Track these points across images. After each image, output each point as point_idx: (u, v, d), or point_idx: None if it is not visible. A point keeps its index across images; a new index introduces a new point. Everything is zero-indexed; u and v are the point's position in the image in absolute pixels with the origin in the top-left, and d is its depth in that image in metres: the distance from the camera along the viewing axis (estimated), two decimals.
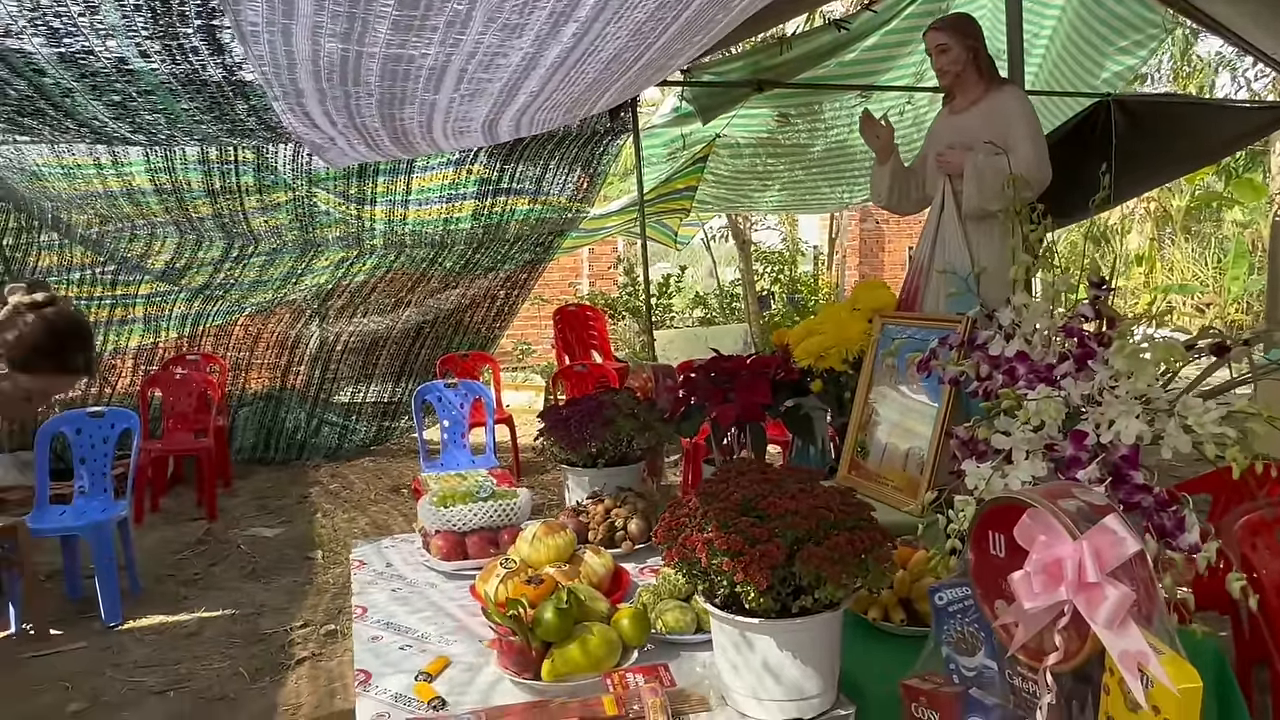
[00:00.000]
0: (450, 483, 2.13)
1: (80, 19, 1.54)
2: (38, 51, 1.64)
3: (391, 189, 5.31)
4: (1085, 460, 1.54)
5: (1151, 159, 6.21)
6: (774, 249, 11.56)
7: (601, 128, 5.27)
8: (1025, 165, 2.34)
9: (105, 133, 2.27)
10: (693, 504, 1.39)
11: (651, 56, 2.17)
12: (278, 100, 1.98)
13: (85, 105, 1.98)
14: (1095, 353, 1.60)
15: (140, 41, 1.66)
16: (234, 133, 2.42)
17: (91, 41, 1.64)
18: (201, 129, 2.38)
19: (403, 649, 1.66)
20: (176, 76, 1.86)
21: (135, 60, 1.74)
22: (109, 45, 1.67)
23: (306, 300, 6.54)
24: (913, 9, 5.35)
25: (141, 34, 1.63)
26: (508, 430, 6.13)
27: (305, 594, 4.27)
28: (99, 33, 1.61)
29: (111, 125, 2.18)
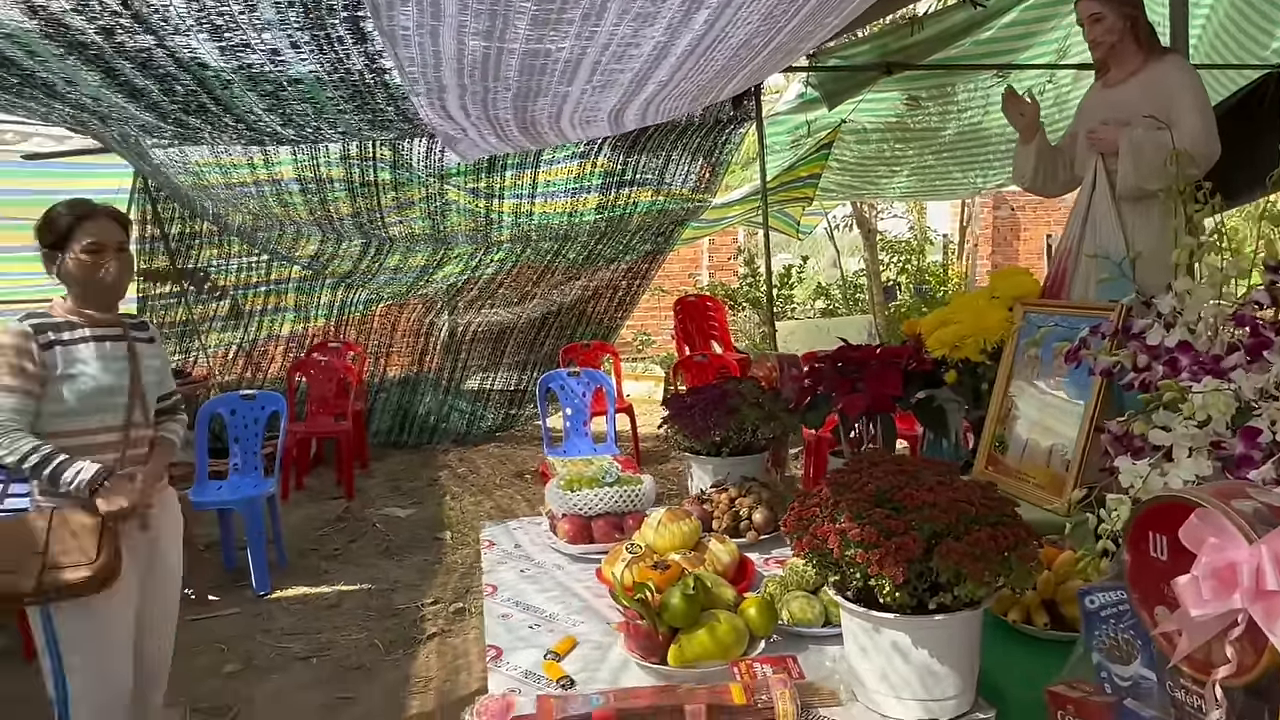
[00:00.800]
0: (577, 467, 2.16)
1: (240, 15, 1.65)
2: (201, 46, 1.77)
3: (519, 182, 5.44)
4: (1259, 459, 1.42)
5: None
6: (900, 238, 11.20)
7: (724, 116, 5.22)
8: (1191, 140, 2.15)
9: (258, 127, 2.42)
10: (824, 494, 1.36)
11: (781, 41, 2.13)
12: (419, 96, 2.05)
13: (242, 97, 2.12)
14: (1272, 342, 1.46)
15: (292, 33, 1.76)
16: (374, 124, 2.53)
17: (249, 35, 1.75)
18: (345, 119, 2.50)
19: (531, 627, 1.70)
20: (323, 65, 1.96)
21: (287, 51, 1.85)
22: (264, 38, 1.78)
23: (438, 292, 6.81)
24: None
25: (293, 26, 1.73)
26: (628, 419, 6.20)
27: (435, 572, 4.45)
28: (255, 26, 1.72)
29: (265, 118, 2.32)
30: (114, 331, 2.23)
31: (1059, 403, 1.94)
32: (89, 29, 1.66)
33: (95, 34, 1.68)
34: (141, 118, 2.32)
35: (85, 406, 2.14)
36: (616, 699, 1.27)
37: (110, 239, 2.16)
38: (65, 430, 2.11)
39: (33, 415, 2.09)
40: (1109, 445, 1.60)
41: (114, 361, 2.20)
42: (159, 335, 2.42)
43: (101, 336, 2.20)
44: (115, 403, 2.18)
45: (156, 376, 2.30)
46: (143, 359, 2.26)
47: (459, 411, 7.34)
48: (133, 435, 2.21)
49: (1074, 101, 5.89)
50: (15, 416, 2.06)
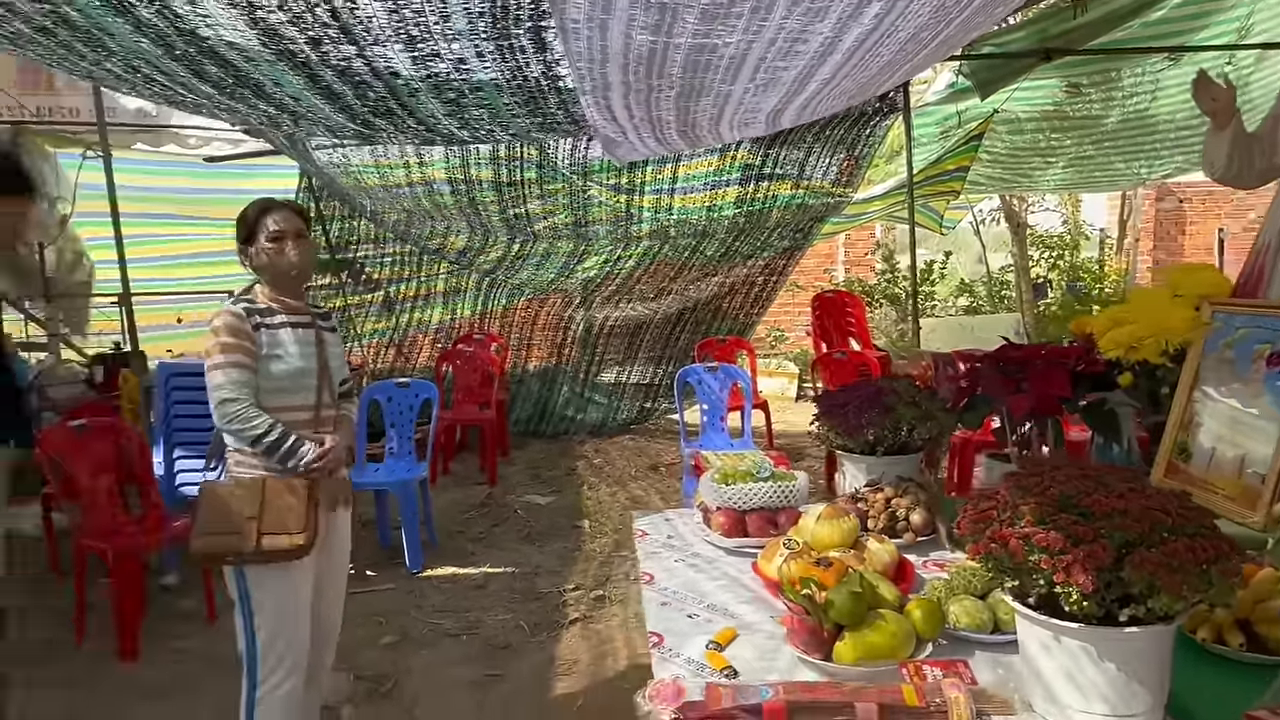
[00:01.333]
0: (730, 461, 2.18)
1: (435, 25, 1.75)
2: (396, 56, 1.89)
3: (659, 177, 5.50)
4: None
5: None
6: (1052, 232, 10.62)
7: (869, 109, 5.11)
8: None
9: (437, 130, 2.56)
10: (1003, 496, 1.32)
11: (949, 33, 2.07)
12: (586, 94, 2.12)
13: (426, 103, 2.25)
14: None
15: (479, 43, 1.86)
16: (544, 127, 2.63)
17: (440, 45, 1.86)
18: (517, 123, 2.61)
19: (690, 617, 1.73)
20: (503, 72, 2.06)
21: (472, 60, 1.96)
22: (453, 48, 1.89)
23: (577, 287, 6.98)
24: None
25: (481, 36, 1.83)
26: (763, 415, 6.17)
27: (575, 559, 4.57)
28: (447, 37, 1.82)
29: (444, 122, 2.45)
30: (304, 319, 2.42)
31: (1255, 409, 1.81)
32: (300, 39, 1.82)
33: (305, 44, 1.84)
34: (334, 118, 2.50)
35: (284, 386, 2.32)
36: (786, 692, 1.28)
37: (290, 226, 2.34)
38: (268, 406, 2.30)
39: (254, 390, 2.29)
40: None
41: (306, 346, 2.38)
42: (338, 327, 2.62)
43: (295, 324, 2.38)
44: (308, 384, 2.36)
45: (338, 363, 2.48)
46: (328, 346, 2.45)
47: (595, 404, 7.50)
48: (322, 415, 2.39)
49: (1256, 84, 5.44)
50: (248, 392, 2.27)
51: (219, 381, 2.25)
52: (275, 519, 2.22)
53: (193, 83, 2.32)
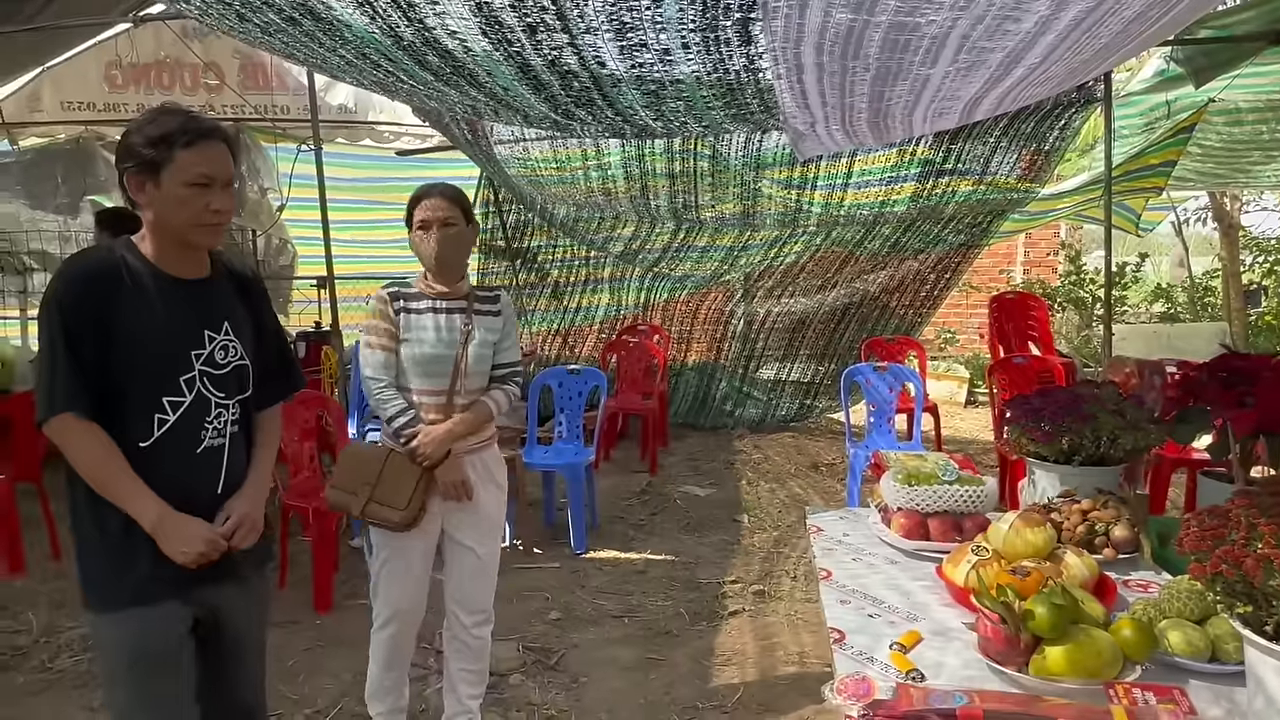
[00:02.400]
0: (911, 462, 2.12)
1: (646, 11, 1.80)
2: (605, 46, 1.96)
3: (832, 171, 5.39)
4: None
5: None
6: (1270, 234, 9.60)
7: (1065, 99, 4.79)
8: None
9: (633, 121, 2.62)
10: (1237, 515, 1.22)
11: (1178, 12, 1.92)
12: (780, 79, 2.11)
13: (627, 93, 2.31)
14: None
15: (685, 34, 1.90)
16: (737, 118, 2.65)
17: (648, 35, 1.91)
18: (711, 115, 2.63)
19: (870, 616, 1.70)
20: (705, 65, 2.09)
21: (677, 52, 1.99)
22: (660, 38, 1.93)
23: (738, 280, 6.97)
24: None
25: (689, 26, 1.86)
26: (931, 419, 5.94)
27: (734, 552, 4.57)
28: (656, 26, 1.87)
29: (641, 114, 2.51)
30: (458, 304, 2.47)
31: None
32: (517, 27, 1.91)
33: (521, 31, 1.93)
34: (538, 108, 2.60)
35: (418, 370, 2.44)
36: (983, 700, 1.24)
37: (436, 215, 2.40)
38: (405, 387, 2.45)
39: (394, 371, 2.44)
40: None
41: (449, 332, 2.44)
42: (510, 309, 2.57)
43: (443, 309, 2.46)
44: (442, 369, 2.43)
45: (486, 350, 2.48)
46: (477, 330, 2.46)
47: (754, 399, 7.46)
48: (454, 401, 2.44)
49: None
50: (385, 372, 2.43)
51: (364, 360, 2.44)
52: (387, 491, 2.38)
53: (415, 70, 2.48)
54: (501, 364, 2.54)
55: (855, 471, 4.76)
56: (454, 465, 2.43)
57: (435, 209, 2.42)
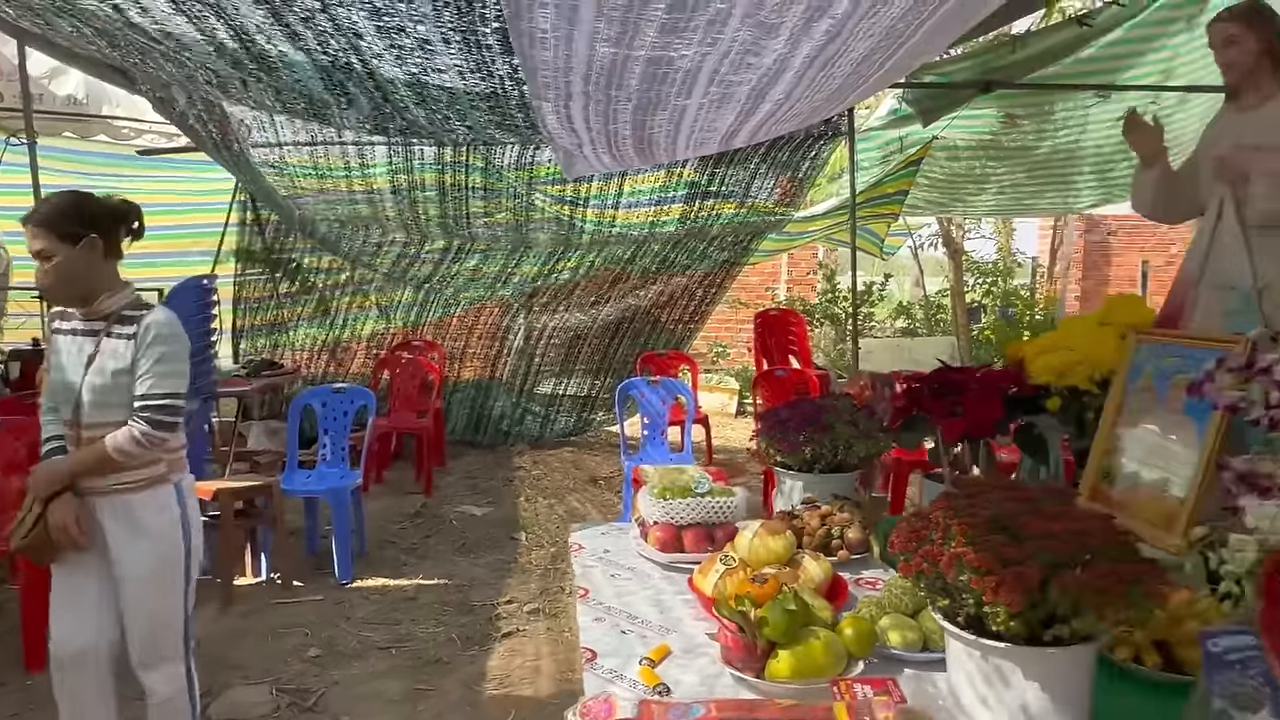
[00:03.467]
0: (670, 476, 2.17)
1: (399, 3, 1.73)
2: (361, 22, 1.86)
3: (604, 190, 5.50)
4: None
5: None
6: (987, 260, 10.94)
7: (815, 131, 5.19)
8: None
9: (394, 100, 2.49)
10: (936, 516, 1.34)
11: (899, 58, 2.12)
12: (547, 102, 2.10)
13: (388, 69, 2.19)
14: None
15: (445, 32, 1.84)
16: (501, 126, 2.60)
17: (405, 23, 1.83)
18: (475, 116, 2.57)
19: (624, 633, 1.71)
20: (468, 64, 2.04)
21: (438, 44, 1.93)
22: (419, 29, 1.86)
23: (514, 296, 6.93)
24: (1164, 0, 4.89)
25: (447, 26, 1.80)
26: (703, 430, 6.19)
27: (510, 572, 4.51)
28: (413, 17, 1.80)
29: (403, 92, 2.40)
30: (95, 326, 2.25)
31: (1173, 436, 1.87)
32: None
33: None
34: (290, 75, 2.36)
35: (51, 398, 2.28)
36: (719, 709, 1.27)
37: (32, 247, 2.17)
38: (49, 419, 2.30)
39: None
40: (1231, 484, 1.54)
41: (77, 356, 2.24)
42: (154, 332, 2.21)
43: (79, 330, 2.26)
44: (69, 398, 2.23)
45: (111, 379, 2.20)
46: (100, 356, 2.22)
47: (533, 414, 7.44)
48: (82, 433, 2.22)
49: (1178, 124, 5.68)
50: (49, 398, 2.29)
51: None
52: (13, 519, 2.23)
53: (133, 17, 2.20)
54: (139, 395, 2.20)
55: (629, 485, 4.85)
56: (60, 506, 2.17)
57: (31, 241, 2.17)
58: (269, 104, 2.83)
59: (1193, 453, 1.80)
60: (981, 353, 9.44)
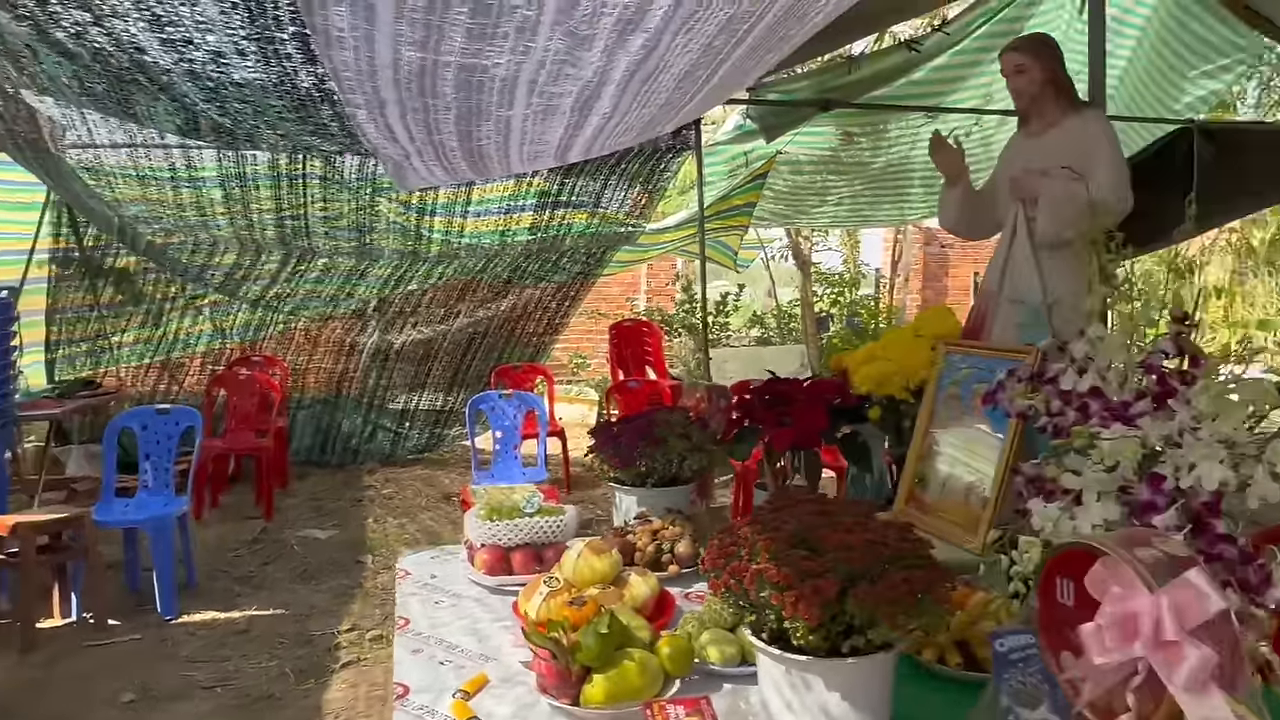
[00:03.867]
0: (498, 496, 2.11)
1: (181, 9, 1.58)
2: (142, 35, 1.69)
3: (453, 198, 5.38)
4: (1163, 505, 1.45)
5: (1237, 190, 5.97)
6: (834, 271, 11.42)
7: (663, 145, 5.26)
8: (1106, 192, 2.24)
9: (195, 110, 2.31)
10: (743, 532, 1.34)
11: (724, 74, 2.14)
12: (360, 109, 2.00)
13: (179, 84, 2.02)
14: (1176, 391, 1.51)
15: (238, 41, 1.71)
16: (317, 134, 2.47)
17: (193, 34, 1.68)
18: (286, 126, 2.42)
19: (443, 664, 1.64)
20: (269, 76, 1.90)
21: (232, 56, 1.79)
22: (208, 39, 1.72)
23: (361, 309, 6.66)
24: (985, 29, 5.25)
25: (239, 34, 1.67)
26: (560, 443, 6.14)
27: (354, 597, 4.31)
28: (200, 26, 1.65)
29: (202, 105, 2.22)
30: None
31: (978, 443, 1.97)
32: None
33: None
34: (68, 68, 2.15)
35: None
36: None
37: None
38: None
39: None
40: (1022, 487, 1.63)
41: None
42: None
43: None
44: None
45: None
46: None
47: (384, 430, 7.18)
48: None
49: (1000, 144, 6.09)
50: None
51: None
52: None
53: None
54: None
55: None
56: None
57: None
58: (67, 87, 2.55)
59: (991, 458, 1.89)
60: (829, 360, 9.83)
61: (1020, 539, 1.57)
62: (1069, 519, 1.49)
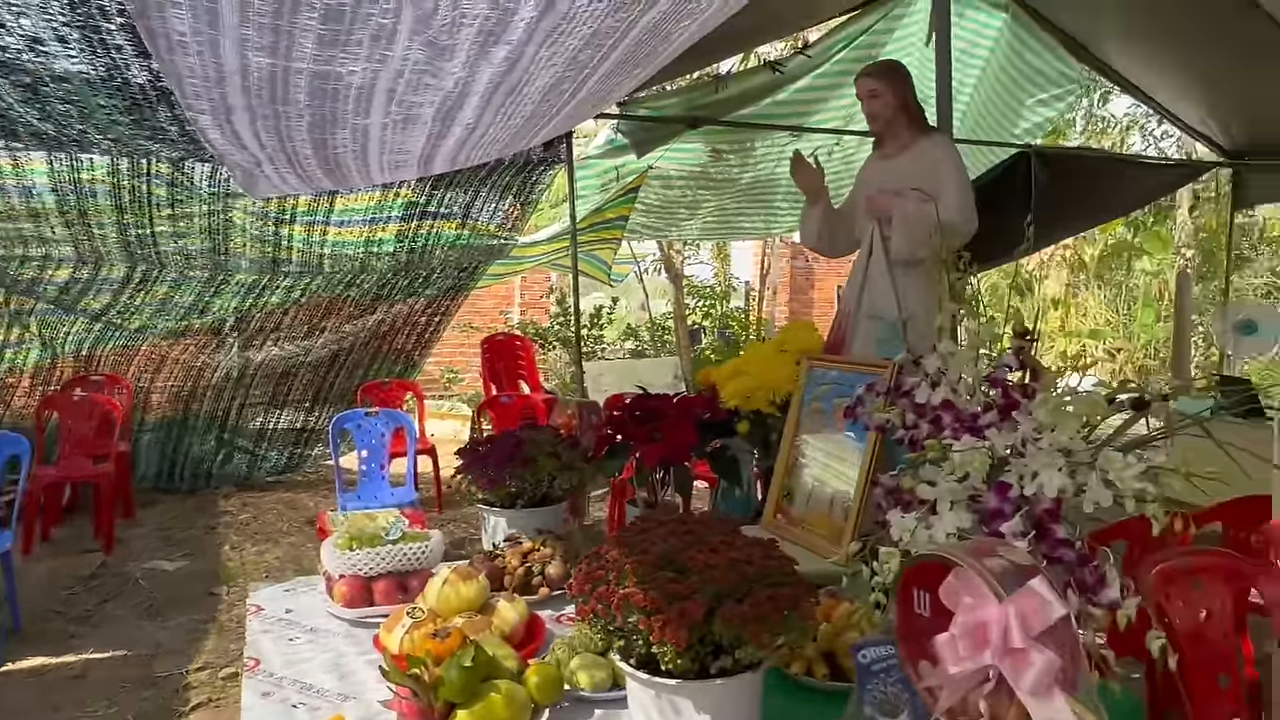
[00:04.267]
0: (359, 522, 2.01)
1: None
2: None
3: (314, 207, 5.15)
4: (1009, 512, 1.53)
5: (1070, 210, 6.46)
6: (705, 283, 11.64)
7: (535, 157, 5.21)
8: (953, 213, 2.36)
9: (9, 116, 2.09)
10: (610, 555, 1.32)
11: (591, 88, 2.13)
12: (204, 114, 1.86)
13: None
14: (1019, 404, 1.59)
15: (58, 27, 1.55)
16: (155, 139, 2.28)
17: (3, 15, 1.51)
18: (119, 129, 2.23)
19: (296, 706, 1.54)
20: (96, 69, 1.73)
21: (53, 44, 1.62)
22: (21, 23, 1.55)
23: (215, 325, 6.26)
24: (844, 54, 5.47)
25: (58, 20, 1.52)
26: (430, 461, 5.96)
27: (207, 633, 4.03)
28: (12, 9, 1.49)
29: (18, 108, 2.02)
30: None
31: (840, 455, 2.02)
32: None
33: None
34: None
35: None
36: None
37: None
38: None
39: None
40: (881, 499, 1.67)
41: None
42: None
43: None
44: None
45: None
46: None
47: (241, 452, 6.78)
48: None
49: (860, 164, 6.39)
50: None
51: None
52: None
53: None
54: None
55: None
56: None
57: None
58: None
59: (853, 471, 1.95)
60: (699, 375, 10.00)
61: (880, 550, 1.62)
62: (925, 528, 1.54)
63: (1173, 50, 5.47)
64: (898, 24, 5.54)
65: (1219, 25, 4.75)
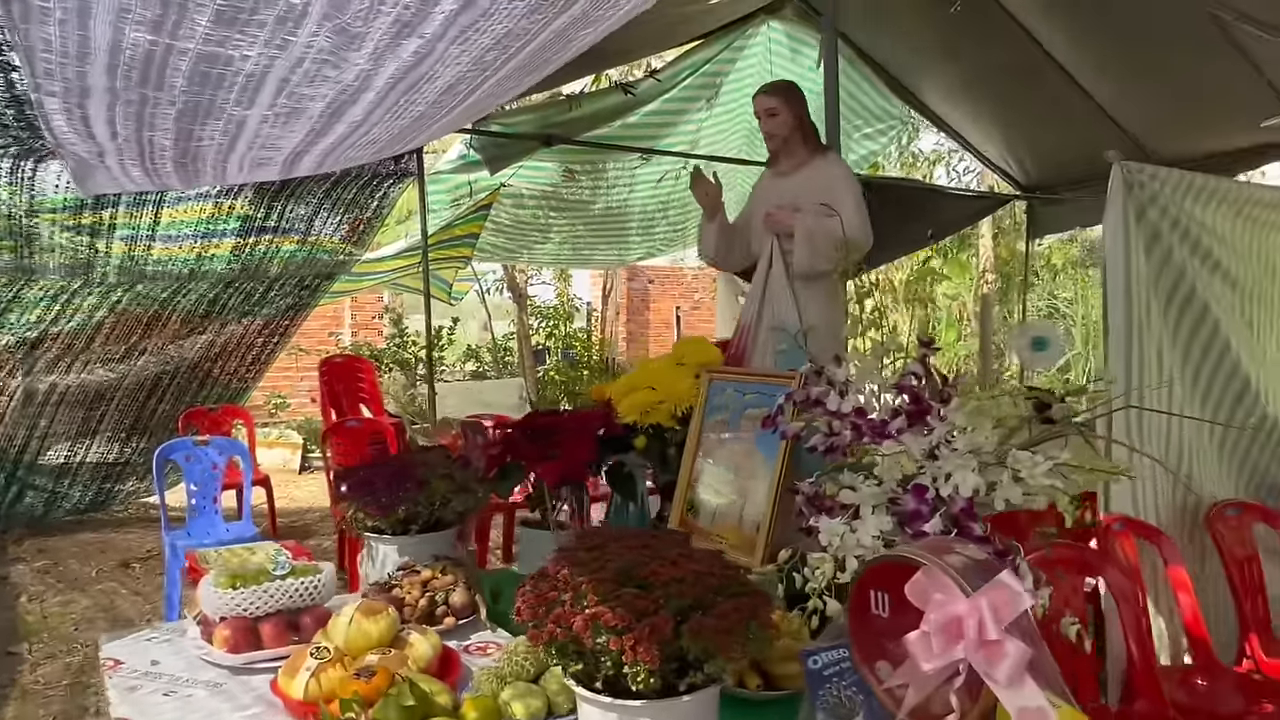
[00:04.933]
0: (236, 559, 1.81)
1: None
2: None
3: (135, 220, 4.67)
4: (927, 513, 1.58)
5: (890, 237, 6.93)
6: (549, 304, 11.59)
7: (384, 170, 4.99)
8: (851, 229, 2.46)
9: None
10: (562, 575, 1.25)
11: (484, 91, 2.05)
12: (53, 97, 1.62)
13: None
14: (930, 409, 1.66)
15: None
16: None
17: None
18: None
19: None
20: None
21: None
22: None
23: (8, 347, 5.54)
24: (690, 80, 5.64)
25: None
26: (264, 492, 5.53)
27: (7, 699, 3.52)
28: None
29: None
30: None
31: (748, 463, 2.04)
32: None
33: None
34: None
35: None
36: None
37: None
38: None
39: None
40: (803, 506, 1.70)
41: None
42: None
43: None
44: None
45: None
46: None
47: (34, 490, 6.02)
48: None
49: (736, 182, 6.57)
50: None
51: None
52: None
53: None
54: None
55: (173, 573, 4.08)
56: None
57: None
58: None
59: (762, 480, 1.97)
60: (547, 392, 9.90)
61: (810, 556, 1.63)
62: (851, 532, 1.57)
63: (981, 96, 6.04)
64: (739, 54, 5.78)
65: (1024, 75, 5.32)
